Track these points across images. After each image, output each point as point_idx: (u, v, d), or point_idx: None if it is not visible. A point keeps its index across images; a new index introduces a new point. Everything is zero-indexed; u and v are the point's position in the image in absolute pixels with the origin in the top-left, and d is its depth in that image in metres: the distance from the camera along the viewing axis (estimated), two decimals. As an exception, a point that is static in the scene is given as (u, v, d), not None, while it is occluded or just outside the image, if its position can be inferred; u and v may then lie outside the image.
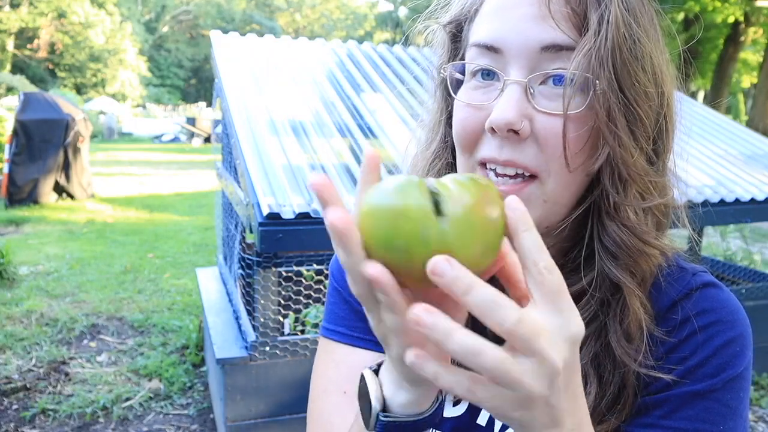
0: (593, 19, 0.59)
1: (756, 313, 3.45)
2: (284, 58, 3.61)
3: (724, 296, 0.68)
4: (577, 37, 0.60)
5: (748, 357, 0.65)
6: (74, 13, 35.50)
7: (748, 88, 27.30)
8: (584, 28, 0.60)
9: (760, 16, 15.44)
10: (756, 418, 3.42)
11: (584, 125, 0.60)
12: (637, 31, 0.61)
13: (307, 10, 52.53)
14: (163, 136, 24.44)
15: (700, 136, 3.81)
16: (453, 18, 0.71)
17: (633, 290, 0.64)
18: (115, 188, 11.09)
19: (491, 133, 0.61)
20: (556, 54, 0.60)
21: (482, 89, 0.64)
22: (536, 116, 0.60)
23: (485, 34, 0.63)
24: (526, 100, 0.60)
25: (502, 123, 0.59)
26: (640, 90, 0.61)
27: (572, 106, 0.60)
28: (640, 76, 0.61)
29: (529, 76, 0.61)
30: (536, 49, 0.60)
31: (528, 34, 0.60)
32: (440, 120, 0.74)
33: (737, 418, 0.64)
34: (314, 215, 2.31)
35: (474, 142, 0.64)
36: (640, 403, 0.65)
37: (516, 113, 0.59)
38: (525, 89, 0.60)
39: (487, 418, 0.73)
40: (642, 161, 0.63)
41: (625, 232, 0.63)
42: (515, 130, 0.60)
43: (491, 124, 0.60)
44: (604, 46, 0.58)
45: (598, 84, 0.59)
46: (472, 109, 0.64)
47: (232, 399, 2.52)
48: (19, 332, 4.22)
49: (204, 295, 3.49)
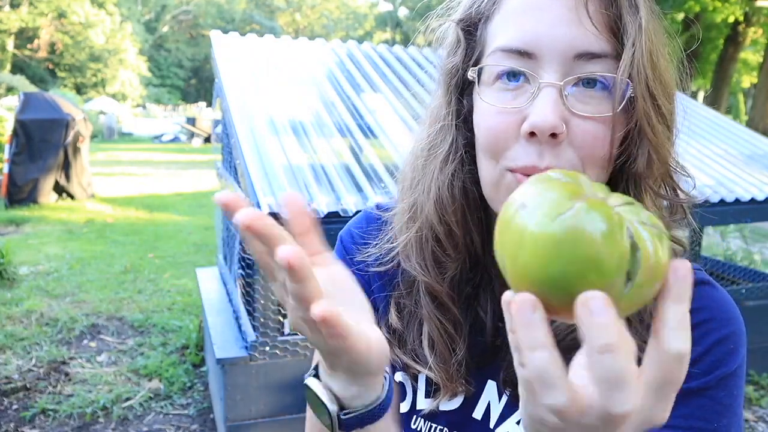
0: (631, 25, 0.59)
1: (756, 313, 3.45)
2: (284, 58, 3.61)
3: (717, 294, 0.68)
4: (611, 41, 0.60)
5: (742, 354, 0.65)
6: (74, 13, 35.50)
7: (748, 88, 27.30)
8: (620, 33, 0.60)
9: (760, 16, 15.43)
10: (756, 418, 3.42)
11: (621, 128, 0.61)
12: (661, 37, 0.63)
13: (307, 10, 52.53)
14: (163, 136, 24.44)
15: (700, 136, 3.81)
16: (465, 15, 0.68)
17: None
18: (115, 188, 11.10)
19: (528, 138, 0.60)
20: (589, 60, 0.60)
21: (511, 92, 0.62)
22: (572, 120, 0.60)
23: (514, 36, 0.61)
24: (562, 103, 0.59)
25: (546, 127, 0.58)
26: (665, 91, 0.63)
27: (611, 109, 0.60)
28: (665, 77, 0.63)
29: (564, 79, 0.60)
30: (570, 55, 0.59)
31: (563, 38, 0.59)
32: (452, 123, 0.71)
33: (732, 415, 0.64)
34: (314, 215, 2.31)
35: (504, 148, 0.62)
36: None
37: (556, 116, 0.58)
38: (560, 92, 0.59)
39: (483, 411, 0.73)
40: (672, 158, 0.66)
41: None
42: (555, 134, 0.59)
43: (533, 128, 0.58)
44: (642, 52, 0.59)
45: (637, 88, 0.59)
46: (503, 113, 0.62)
47: (232, 399, 2.52)
48: (19, 332, 4.22)
49: (204, 295, 3.49)
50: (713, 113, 4.32)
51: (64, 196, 9.31)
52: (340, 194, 2.48)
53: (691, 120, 4.01)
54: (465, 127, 0.71)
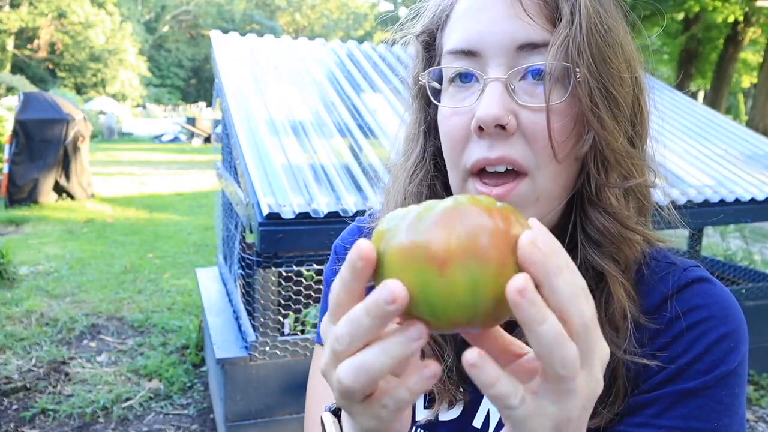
0: (565, 9, 0.60)
1: (756, 313, 3.45)
2: (284, 58, 3.61)
3: (716, 291, 0.67)
4: (552, 30, 0.60)
5: (743, 352, 0.64)
6: (74, 13, 35.49)
7: (748, 88, 27.29)
8: (557, 19, 0.60)
9: (760, 16, 15.43)
10: (756, 418, 3.42)
11: (568, 114, 0.61)
12: (607, 19, 0.62)
13: (307, 10, 52.51)
14: (163, 136, 24.44)
15: (700, 136, 3.81)
16: (425, 27, 0.71)
17: (617, 278, 0.64)
18: (115, 188, 11.10)
19: (479, 133, 0.61)
20: (532, 51, 0.60)
21: (462, 93, 0.64)
22: (520, 111, 0.61)
23: (459, 38, 0.63)
24: (509, 97, 0.61)
25: (489, 118, 0.59)
26: (616, 75, 0.62)
27: (555, 97, 0.60)
28: (615, 61, 0.62)
29: (508, 73, 0.61)
30: (512, 49, 0.61)
31: (503, 34, 0.61)
32: (419, 131, 0.74)
33: (733, 414, 0.63)
34: (314, 215, 2.31)
35: (462, 148, 0.64)
36: (632, 402, 0.65)
37: (500, 108, 0.59)
38: (506, 86, 0.61)
39: (483, 420, 0.72)
40: (625, 144, 0.64)
41: (607, 218, 0.64)
42: (502, 126, 0.59)
43: (478, 122, 0.60)
44: (580, 33, 0.59)
45: (578, 71, 0.59)
46: (456, 114, 0.64)
47: (232, 399, 2.52)
48: (19, 332, 4.22)
49: (204, 295, 3.49)
50: (713, 113, 4.32)
51: (64, 196, 9.31)
52: (340, 194, 2.48)
53: (691, 120, 4.02)
54: (432, 135, 0.72)
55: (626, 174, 0.64)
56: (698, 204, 3.00)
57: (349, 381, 0.40)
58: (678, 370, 0.63)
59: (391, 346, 0.39)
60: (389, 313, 0.38)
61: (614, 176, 0.63)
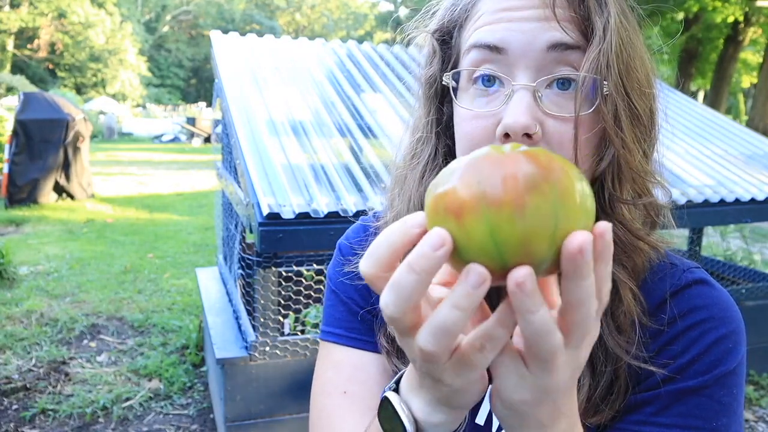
0: (598, 24, 0.59)
1: (756, 313, 3.45)
2: (284, 58, 3.61)
3: (715, 293, 0.68)
4: (581, 40, 0.60)
5: (742, 353, 0.65)
6: (74, 13, 35.48)
7: (748, 88, 27.29)
8: (589, 32, 0.60)
9: (760, 16, 15.43)
10: (756, 418, 3.42)
11: (592, 128, 0.61)
12: (631, 33, 0.62)
13: (307, 10, 52.51)
14: (163, 136, 24.43)
15: (700, 136, 3.81)
16: (441, 25, 0.70)
17: (626, 283, 0.65)
18: (115, 188, 11.10)
19: (503, 140, 0.60)
20: (562, 54, 0.60)
21: (486, 97, 0.63)
22: (546, 120, 0.60)
23: (487, 34, 0.62)
24: (536, 105, 0.60)
25: (518, 127, 0.58)
26: (637, 89, 0.62)
27: (582, 108, 0.60)
28: (639, 77, 0.62)
29: (537, 80, 0.60)
30: (542, 49, 0.60)
31: (534, 33, 0.60)
32: (431, 133, 0.72)
33: (731, 414, 0.64)
34: (314, 215, 2.31)
35: None
36: (632, 400, 0.65)
37: (529, 117, 0.59)
38: (533, 93, 0.60)
39: (485, 416, 0.73)
40: (643, 162, 0.64)
41: (619, 228, 0.65)
42: (529, 135, 0.59)
43: (506, 129, 0.59)
44: (611, 49, 0.59)
45: (606, 86, 0.59)
46: (478, 117, 0.63)
47: (232, 399, 2.52)
48: (19, 332, 4.22)
49: (204, 295, 3.48)
50: (713, 113, 4.32)
51: (64, 196, 9.31)
52: (340, 194, 2.48)
53: (691, 120, 4.02)
54: (446, 135, 0.72)
55: (640, 191, 0.65)
56: (698, 204, 3.00)
57: (430, 346, 0.42)
58: (677, 369, 0.64)
59: (459, 299, 0.40)
60: (439, 258, 0.39)
61: (628, 189, 0.64)
